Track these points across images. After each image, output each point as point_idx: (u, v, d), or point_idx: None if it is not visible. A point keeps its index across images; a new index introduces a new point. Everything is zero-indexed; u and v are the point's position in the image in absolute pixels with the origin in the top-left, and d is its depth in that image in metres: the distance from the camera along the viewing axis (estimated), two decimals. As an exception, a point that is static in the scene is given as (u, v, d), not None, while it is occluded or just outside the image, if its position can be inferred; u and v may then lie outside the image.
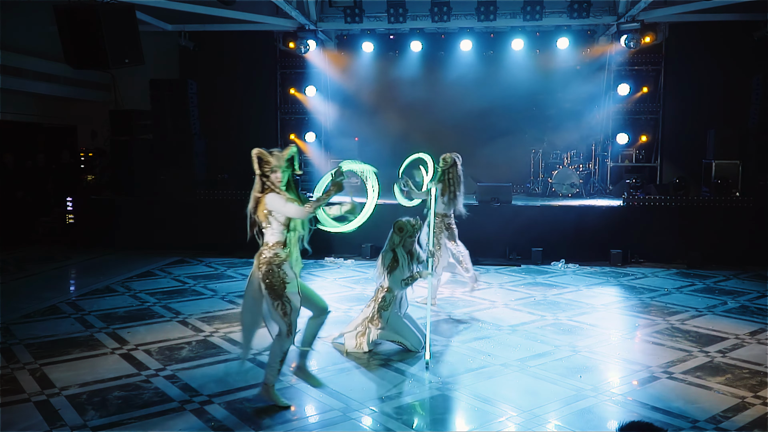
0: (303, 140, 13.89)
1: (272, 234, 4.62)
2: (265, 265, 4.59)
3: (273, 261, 4.59)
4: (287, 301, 4.58)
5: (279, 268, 4.58)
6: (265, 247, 4.64)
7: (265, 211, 4.56)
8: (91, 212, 11.78)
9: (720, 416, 4.57)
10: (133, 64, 9.07)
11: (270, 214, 4.57)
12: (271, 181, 4.56)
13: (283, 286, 4.58)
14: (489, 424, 4.46)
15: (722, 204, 10.46)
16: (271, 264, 4.58)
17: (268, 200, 4.54)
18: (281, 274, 4.59)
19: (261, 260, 4.62)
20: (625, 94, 12.85)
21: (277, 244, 4.63)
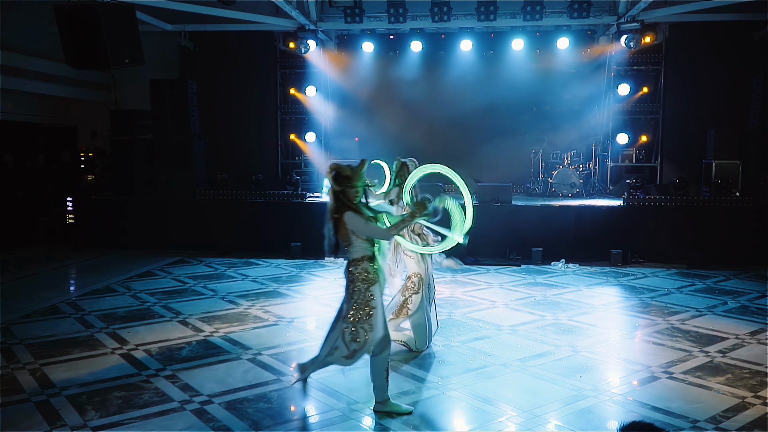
0: (303, 140, 13.90)
1: (357, 250, 4.42)
2: (352, 282, 4.42)
3: (361, 278, 4.40)
4: (367, 328, 4.37)
5: (367, 290, 4.39)
6: (352, 264, 4.43)
7: (347, 230, 4.34)
8: (91, 212, 11.78)
9: (720, 416, 4.57)
10: (133, 64, 9.06)
11: (351, 233, 4.37)
12: (347, 197, 4.36)
13: (368, 312, 4.38)
14: (489, 424, 4.46)
15: (722, 204, 10.46)
16: (359, 282, 4.40)
17: (347, 220, 4.33)
18: (368, 297, 4.39)
19: (349, 276, 4.44)
20: (626, 94, 12.85)
21: (364, 259, 4.42)
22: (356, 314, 4.38)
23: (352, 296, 4.41)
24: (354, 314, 4.39)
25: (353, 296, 4.40)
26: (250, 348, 6.05)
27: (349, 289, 4.44)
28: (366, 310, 4.39)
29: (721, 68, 12.28)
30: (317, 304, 7.86)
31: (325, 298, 8.10)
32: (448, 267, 5.94)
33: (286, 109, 14.09)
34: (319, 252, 10.60)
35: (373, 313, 4.39)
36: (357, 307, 4.39)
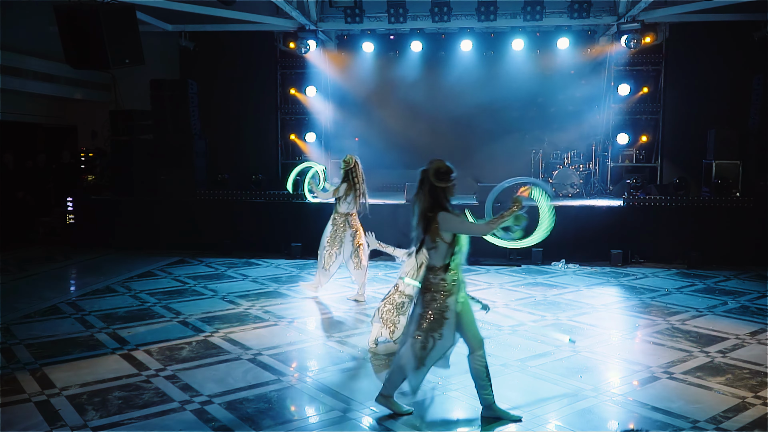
0: (303, 140, 13.89)
1: (436, 257, 4.32)
2: (429, 292, 4.32)
3: (438, 289, 4.30)
4: (437, 337, 4.30)
5: (444, 300, 4.29)
6: (429, 271, 4.34)
7: (438, 231, 4.26)
8: (91, 212, 11.78)
9: (720, 416, 4.56)
10: (133, 65, 9.07)
11: (442, 234, 4.27)
12: (445, 194, 4.32)
13: (441, 321, 4.30)
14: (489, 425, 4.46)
15: (722, 204, 10.46)
16: (435, 292, 4.31)
17: (441, 220, 4.25)
18: (442, 308, 4.29)
19: (425, 285, 4.36)
20: (626, 95, 12.84)
21: (442, 269, 4.30)
22: (430, 323, 4.31)
23: (428, 304, 4.32)
24: (428, 323, 4.32)
25: (429, 305, 4.32)
26: (250, 348, 6.05)
27: (425, 297, 4.33)
28: (439, 320, 4.31)
29: (722, 68, 12.27)
30: (317, 305, 7.85)
31: (325, 299, 8.10)
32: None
33: (286, 110, 14.09)
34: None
35: (446, 323, 4.30)
36: (431, 315, 4.31)
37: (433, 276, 4.32)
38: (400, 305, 5.88)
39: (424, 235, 4.31)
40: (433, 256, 4.33)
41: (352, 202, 7.72)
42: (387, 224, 10.64)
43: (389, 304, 5.92)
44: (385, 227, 10.57)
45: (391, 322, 5.88)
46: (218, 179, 12.64)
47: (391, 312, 5.89)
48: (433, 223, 4.26)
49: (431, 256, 4.34)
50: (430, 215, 4.27)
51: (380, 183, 14.19)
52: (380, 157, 13.71)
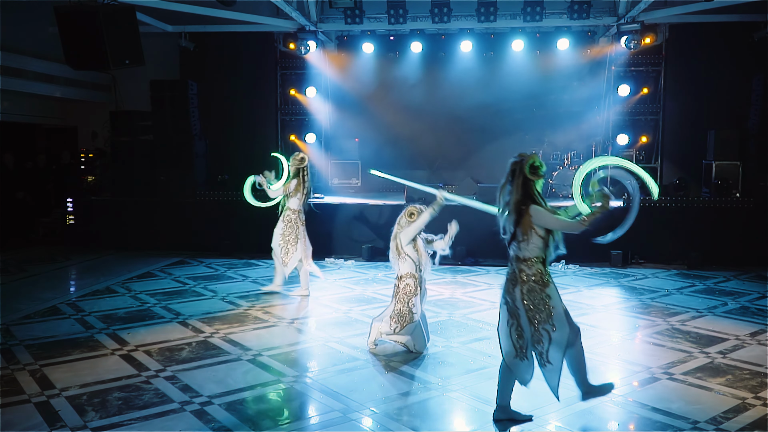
0: (303, 141, 13.89)
1: (529, 249, 4.30)
2: (526, 284, 4.30)
3: (536, 280, 4.30)
4: (549, 329, 4.29)
5: (542, 291, 4.29)
6: (524, 263, 4.32)
7: (531, 224, 4.26)
8: (91, 213, 11.79)
9: (720, 417, 4.56)
10: (133, 65, 9.07)
11: (534, 227, 4.28)
12: (536, 188, 4.30)
13: (549, 313, 4.29)
14: (489, 425, 4.47)
15: (722, 205, 10.46)
16: (534, 283, 4.30)
17: (533, 213, 4.24)
18: (544, 297, 4.29)
19: (521, 278, 4.31)
20: (626, 95, 12.83)
21: (537, 260, 4.32)
22: (536, 315, 4.30)
23: (526, 297, 4.29)
24: (534, 315, 4.30)
25: (527, 297, 4.29)
26: (250, 349, 6.05)
27: (522, 288, 4.30)
28: (546, 311, 4.29)
29: (721, 69, 12.26)
30: (317, 305, 7.86)
31: (325, 299, 8.10)
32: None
33: (286, 110, 14.09)
34: (318, 253, 10.67)
35: (554, 312, 4.30)
36: (534, 307, 4.30)
37: (528, 267, 4.30)
38: (406, 287, 5.84)
39: (516, 228, 4.30)
40: (525, 248, 4.31)
41: (302, 199, 8.01)
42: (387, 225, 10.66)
43: (399, 293, 5.86)
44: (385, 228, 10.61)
45: (404, 312, 5.81)
46: (218, 180, 12.63)
47: (402, 300, 5.83)
48: (525, 216, 4.26)
49: (522, 248, 4.31)
50: (523, 208, 4.27)
51: (380, 184, 14.17)
52: (380, 157, 13.72)
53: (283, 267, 8.08)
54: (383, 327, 5.93)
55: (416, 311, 5.82)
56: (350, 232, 11.09)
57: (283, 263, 8.04)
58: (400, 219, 5.91)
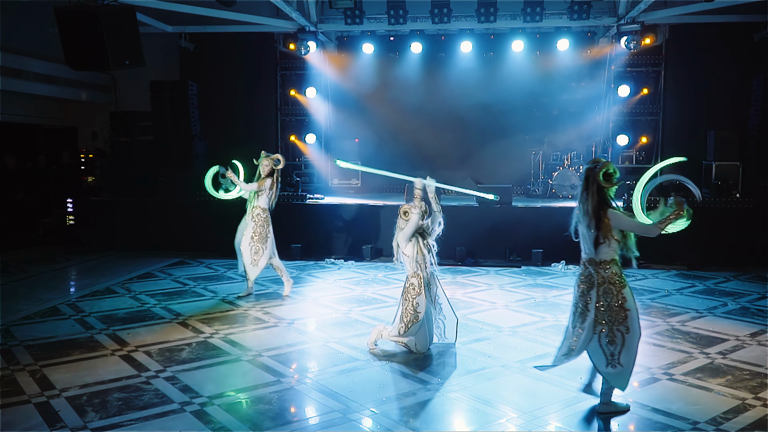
0: (303, 142, 13.90)
1: (607, 251, 4.53)
2: (602, 285, 4.51)
3: (612, 281, 4.51)
4: (623, 330, 4.49)
5: (619, 293, 4.51)
6: (600, 266, 4.56)
7: (610, 227, 4.50)
8: (91, 213, 11.78)
9: (720, 418, 4.56)
10: (133, 66, 9.08)
11: (613, 230, 4.49)
12: (609, 194, 4.52)
13: (624, 315, 4.50)
14: (489, 426, 4.46)
15: (722, 205, 10.46)
16: (610, 284, 4.51)
17: (611, 217, 4.47)
18: (620, 299, 4.50)
19: (598, 280, 4.52)
20: (626, 96, 12.84)
21: (613, 262, 4.55)
22: (609, 316, 4.50)
23: (602, 298, 4.51)
24: (608, 316, 4.50)
25: (602, 298, 4.51)
26: (250, 349, 6.05)
27: (598, 291, 4.52)
28: (621, 313, 4.51)
29: (721, 69, 12.27)
30: (317, 306, 7.85)
31: (325, 300, 8.10)
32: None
33: (286, 111, 14.10)
34: (318, 253, 10.67)
35: (629, 315, 4.51)
36: (608, 308, 4.50)
37: (604, 270, 4.53)
38: (411, 288, 5.83)
39: (597, 232, 4.49)
40: (604, 250, 4.52)
41: (271, 198, 8.04)
42: (386, 225, 10.67)
43: (405, 293, 5.86)
44: (383, 228, 10.62)
45: (408, 312, 5.82)
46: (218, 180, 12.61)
47: (407, 300, 5.82)
48: (604, 220, 4.46)
49: (601, 250, 4.52)
50: (601, 213, 4.48)
51: (380, 184, 14.20)
52: (380, 158, 13.70)
53: (253, 267, 8.04)
54: (392, 330, 5.93)
55: (421, 310, 5.80)
56: (350, 232, 11.09)
57: (253, 263, 8.01)
58: (398, 221, 5.89)
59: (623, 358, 4.49)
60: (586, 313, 4.52)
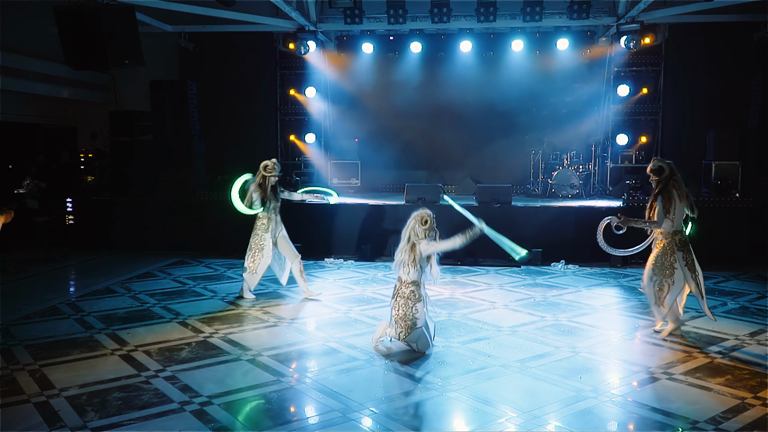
0: (303, 141, 13.91)
1: (673, 224, 6.34)
2: (667, 252, 6.34)
3: (677, 248, 6.30)
4: (669, 282, 6.28)
5: (673, 254, 6.33)
6: (668, 236, 6.36)
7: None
8: (90, 213, 11.78)
9: (720, 417, 4.56)
10: (133, 65, 9.07)
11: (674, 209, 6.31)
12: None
13: (672, 271, 6.29)
14: (489, 425, 4.46)
15: (722, 205, 10.47)
16: (671, 249, 6.32)
17: (674, 197, 6.39)
18: (672, 260, 6.31)
19: (669, 247, 6.34)
20: (625, 95, 12.85)
21: (678, 233, 6.35)
22: (662, 271, 6.31)
23: (660, 258, 6.37)
24: (659, 271, 6.32)
25: (660, 258, 6.36)
26: (249, 349, 6.05)
27: (661, 255, 6.37)
28: (669, 269, 6.30)
29: (721, 69, 12.28)
30: (317, 305, 7.85)
31: (325, 299, 8.10)
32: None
33: (285, 110, 14.10)
34: (318, 253, 10.67)
35: (675, 273, 6.27)
36: (661, 265, 6.32)
37: (671, 239, 6.34)
38: (411, 294, 5.84)
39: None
40: (669, 225, 6.34)
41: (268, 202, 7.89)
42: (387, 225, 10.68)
43: (401, 298, 5.88)
44: (385, 228, 10.62)
45: (408, 317, 5.82)
46: (218, 180, 12.62)
47: (406, 305, 5.84)
48: (672, 201, 6.33)
49: (666, 224, 6.34)
50: (666, 194, 6.41)
51: (380, 184, 14.21)
52: (380, 157, 13.73)
53: (251, 275, 7.98)
54: (390, 330, 5.94)
55: (420, 317, 5.83)
56: (350, 232, 11.09)
57: (251, 271, 7.96)
58: (414, 226, 5.80)
59: (668, 300, 6.33)
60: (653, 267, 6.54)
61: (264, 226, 7.91)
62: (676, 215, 6.34)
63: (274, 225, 7.94)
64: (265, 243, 7.88)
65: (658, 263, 6.37)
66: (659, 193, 6.44)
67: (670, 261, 6.31)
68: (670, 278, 6.29)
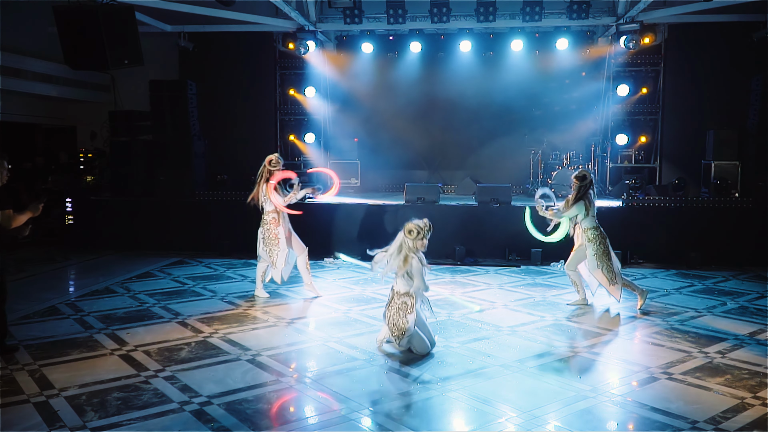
0: (302, 141, 13.91)
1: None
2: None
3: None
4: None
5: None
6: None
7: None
8: (90, 213, 11.77)
9: (719, 417, 4.57)
10: (132, 65, 9.08)
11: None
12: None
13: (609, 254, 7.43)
14: (488, 425, 4.46)
15: (721, 205, 10.47)
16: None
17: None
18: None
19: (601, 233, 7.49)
20: (625, 95, 12.85)
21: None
22: (606, 257, 7.42)
23: (600, 247, 7.46)
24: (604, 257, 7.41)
25: (600, 247, 7.46)
26: (249, 349, 6.05)
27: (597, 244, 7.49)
28: (607, 255, 7.44)
29: (720, 69, 12.29)
30: (316, 305, 7.85)
31: (325, 299, 8.10)
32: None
33: (285, 110, 14.10)
34: (318, 252, 10.66)
35: (613, 258, 7.47)
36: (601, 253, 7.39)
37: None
38: (403, 305, 5.85)
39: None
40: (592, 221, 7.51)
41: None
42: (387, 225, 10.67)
43: (393, 307, 5.89)
44: (385, 228, 10.62)
45: (399, 326, 5.84)
46: (217, 180, 12.63)
47: (398, 314, 5.85)
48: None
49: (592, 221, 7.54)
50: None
51: (379, 184, 14.22)
52: (379, 157, 13.74)
53: (273, 269, 8.11)
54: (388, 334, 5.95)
55: (411, 326, 5.84)
56: (350, 232, 11.09)
57: (272, 264, 8.08)
58: (404, 239, 5.77)
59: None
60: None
61: (275, 219, 7.97)
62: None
63: (283, 218, 8.04)
64: (279, 236, 7.96)
65: (599, 252, 7.47)
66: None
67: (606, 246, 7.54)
68: (609, 262, 7.47)
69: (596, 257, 7.46)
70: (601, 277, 7.45)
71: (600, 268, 7.44)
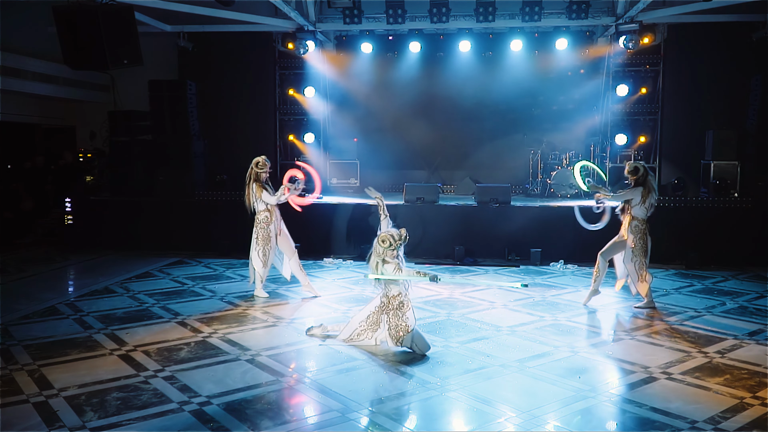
0: (302, 141, 13.89)
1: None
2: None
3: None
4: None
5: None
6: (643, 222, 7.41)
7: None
8: (89, 213, 11.77)
9: (719, 417, 4.57)
10: (131, 65, 9.07)
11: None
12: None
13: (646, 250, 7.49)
14: (488, 425, 4.47)
15: (721, 205, 10.48)
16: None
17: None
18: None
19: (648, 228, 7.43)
20: (624, 95, 12.85)
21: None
22: (642, 252, 7.45)
23: (639, 241, 7.44)
24: (640, 252, 7.42)
25: (640, 241, 7.43)
26: (248, 349, 6.05)
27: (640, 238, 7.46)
28: (644, 251, 7.49)
29: (720, 69, 12.29)
30: (316, 305, 7.85)
31: (324, 299, 8.10)
32: None
33: (284, 110, 14.09)
34: (318, 252, 10.67)
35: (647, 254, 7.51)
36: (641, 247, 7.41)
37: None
38: (400, 305, 5.87)
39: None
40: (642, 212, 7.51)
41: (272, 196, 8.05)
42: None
43: (391, 310, 5.89)
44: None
45: (401, 327, 5.84)
46: (217, 180, 12.63)
47: (396, 316, 5.87)
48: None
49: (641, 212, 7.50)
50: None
51: (379, 184, 14.19)
52: (379, 157, 13.74)
53: (264, 268, 8.15)
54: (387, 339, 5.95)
55: (411, 324, 5.88)
56: (349, 232, 11.09)
57: (264, 264, 8.13)
58: (376, 247, 5.87)
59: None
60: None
61: (267, 219, 8.02)
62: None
63: (275, 218, 8.06)
64: (270, 235, 8.03)
65: (638, 245, 7.44)
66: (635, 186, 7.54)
67: (647, 243, 7.48)
68: (645, 258, 7.48)
69: (633, 250, 7.47)
70: (632, 270, 7.52)
71: (633, 263, 7.49)
